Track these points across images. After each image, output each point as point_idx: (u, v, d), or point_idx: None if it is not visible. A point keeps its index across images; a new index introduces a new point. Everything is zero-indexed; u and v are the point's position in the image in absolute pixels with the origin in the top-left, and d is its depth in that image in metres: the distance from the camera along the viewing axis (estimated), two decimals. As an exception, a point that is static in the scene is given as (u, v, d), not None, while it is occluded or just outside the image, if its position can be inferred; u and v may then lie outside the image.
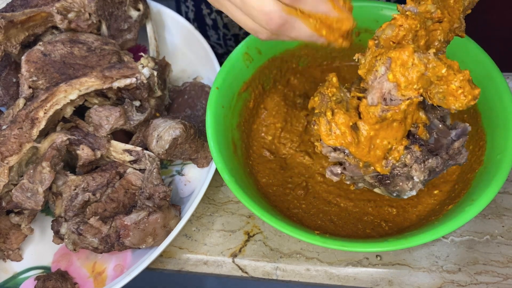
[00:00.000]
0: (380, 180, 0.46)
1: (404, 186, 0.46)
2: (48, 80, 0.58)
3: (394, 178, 0.45)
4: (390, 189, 0.47)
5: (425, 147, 0.45)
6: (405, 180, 0.45)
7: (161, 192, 0.55)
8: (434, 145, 0.46)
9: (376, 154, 0.43)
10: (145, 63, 0.60)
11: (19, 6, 0.62)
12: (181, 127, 0.56)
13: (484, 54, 0.52)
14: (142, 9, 0.68)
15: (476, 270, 0.52)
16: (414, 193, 0.46)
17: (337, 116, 0.42)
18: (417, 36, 0.42)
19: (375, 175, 0.46)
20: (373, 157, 0.44)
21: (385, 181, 0.46)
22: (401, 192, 0.46)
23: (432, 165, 0.45)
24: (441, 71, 0.39)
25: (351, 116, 0.43)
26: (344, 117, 0.42)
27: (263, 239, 0.57)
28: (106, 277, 0.56)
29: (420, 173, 0.44)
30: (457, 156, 0.46)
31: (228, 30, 0.83)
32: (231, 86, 0.56)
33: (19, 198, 0.53)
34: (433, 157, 0.45)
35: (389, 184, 0.46)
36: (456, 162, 0.47)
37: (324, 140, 0.43)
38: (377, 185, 0.47)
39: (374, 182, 0.46)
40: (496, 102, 0.50)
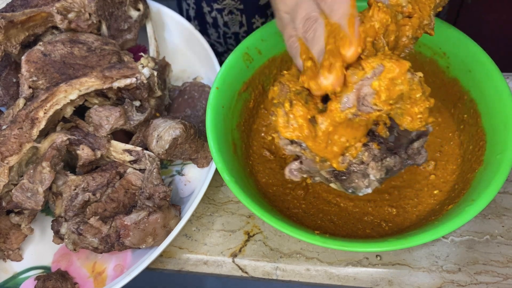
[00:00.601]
0: (336, 175, 0.45)
1: (359, 183, 0.45)
2: (48, 80, 0.58)
3: (350, 174, 0.44)
4: (345, 185, 0.46)
5: (384, 145, 0.44)
6: (361, 177, 0.44)
7: (161, 192, 0.55)
8: (393, 144, 0.45)
9: (333, 150, 0.42)
10: (145, 63, 0.60)
11: (19, 6, 0.62)
12: (181, 127, 0.56)
13: (484, 54, 0.52)
14: (142, 9, 0.68)
15: (476, 270, 0.52)
16: (369, 190, 0.45)
17: (295, 108, 0.41)
18: (388, 31, 0.41)
19: (331, 170, 0.45)
20: (330, 153, 0.42)
21: (341, 177, 0.45)
22: (357, 189, 0.45)
23: (390, 164, 0.45)
24: (416, 95, 0.39)
25: (309, 109, 0.41)
26: (303, 109, 0.41)
27: (263, 239, 0.57)
28: (106, 277, 0.56)
29: (376, 172, 0.44)
30: (416, 156, 0.46)
31: (228, 29, 0.84)
32: (231, 86, 0.56)
33: (19, 198, 0.53)
34: (392, 156, 0.45)
35: (345, 180, 0.45)
36: (414, 162, 0.46)
37: (281, 132, 0.42)
38: (332, 180, 0.46)
39: (330, 177, 0.46)
40: (496, 102, 0.50)
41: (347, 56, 0.38)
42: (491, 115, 0.50)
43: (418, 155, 0.46)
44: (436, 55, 0.56)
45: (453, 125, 0.56)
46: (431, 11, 0.44)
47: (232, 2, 0.78)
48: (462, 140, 0.55)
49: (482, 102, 0.52)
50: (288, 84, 0.43)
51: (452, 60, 0.55)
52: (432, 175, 0.54)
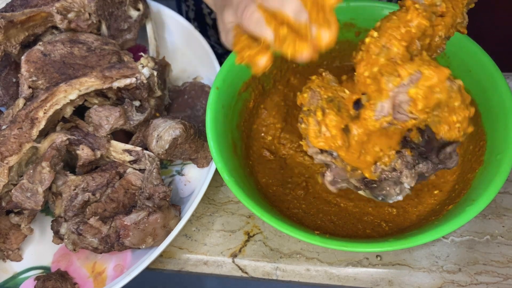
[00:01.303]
0: (366, 184, 0.44)
1: (391, 191, 0.44)
2: (48, 80, 0.58)
3: (381, 182, 0.43)
4: (375, 193, 0.45)
5: (416, 151, 0.43)
6: (392, 185, 0.43)
7: (161, 192, 0.55)
8: (425, 148, 0.44)
9: (366, 160, 0.41)
10: (145, 63, 0.60)
11: (19, 6, 0.62)
12: (181, 127, 0.56)
13: (484, 54, 0.52)
14: (142, 9, 0.68)
15: (476, 270, 0.52)
16: (400, 198, 0.44)
17: (329, 118, 0.40)
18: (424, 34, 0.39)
19: (361, 178, 0.44)
20: (363, 163, 0.41)
21: (371, 185, 0.44)
22: (387, 197, 0.45)
23: (422, 170, 0.44)
24: (455, 104, 0.38)
25: (343, 118, 0.40)
26: (336, 119, 0.39)
27: (263, 239, 0.57)
28: (106, 277, 0.56)
29: (411, 179, 0.43)
30: (447, 160, 0.45)
31: None
32: (231, 86, 0.56)
33: (19, 198, 0.53)
34: (424, 161, 0.43)
35: (375, 188, 0.44)
36: (445, 166, 0.45)
37: (312, 142, 0.41)
38: (362, 188, 0.45)
39: (360, 185, 0.45)
40: (496, 102, 0.50)
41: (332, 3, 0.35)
42: (491, 115, 0.50)
43: (450, 159, 0.45)
44: (436, 55, 0.56)
45: (453, 125, 0.56)
46: (464, 8, 0.42)
47: None
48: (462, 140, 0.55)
49: (482, 102, 0.52)
50: (319, 90, 0.42)
51: (452, 60, 0.55)
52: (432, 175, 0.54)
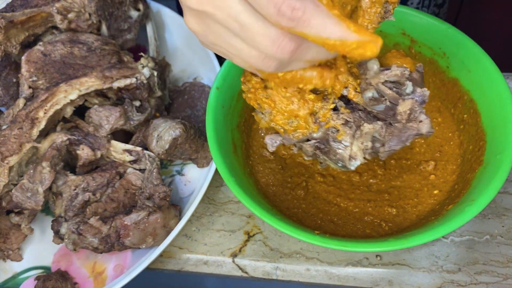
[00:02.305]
0: (319, 148, 0.45)
1: (343, 154, 0.43)
2: (48, 80, 0.58)
3: (330, 144, 0.44)
4: (332, 158, 0.45)
5: (364, 113, 0.43)
6: (342, 147, 0.43)
7: (161, 192, 0.55)
8: (384, 113, 0.43)
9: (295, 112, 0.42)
10: (145, 63, 0.60)
11: (19, 6, 0.62)
12: (181, 127, 0.56)
13: (484, 54, 0.52)
14: (142, 9, 0.68)
15: (476, 270, 0.52)
16: (358, 162, 0.43)
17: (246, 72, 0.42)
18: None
19: (313, 143, 0.44)
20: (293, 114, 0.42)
21: (323, 149, 0.44)
22: (344, 161, 0.44)
23: (370, 131, 0.42)
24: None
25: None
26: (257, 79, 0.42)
27: (263, 239, 0.57)
28: (106, 277, 0.56)
29: (350, 138, 0.42)
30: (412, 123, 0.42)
31: None
32: (231, 86, 0.56)
33: (19, 198, 0.53)
34: (372, 122, 0.42)
35: (329, 152, 0.44)
36: (418, 131, 0.42)
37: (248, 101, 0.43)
38: (318, 153, 0.45)
39: (314, 150, 0.45)
40: (496, 102, 0.50)
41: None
42: (491, 115, 0.50)
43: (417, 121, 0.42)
44: (436, 55, 0.56)
45: (453, 125, 0.56)
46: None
47: None
48: (462, 140, 0.55)
49: (482, 102, 0.52)
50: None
51: (452, 60, 0.55)
52: (432, 175, 0.54)
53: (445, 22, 0.55)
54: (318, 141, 0.44)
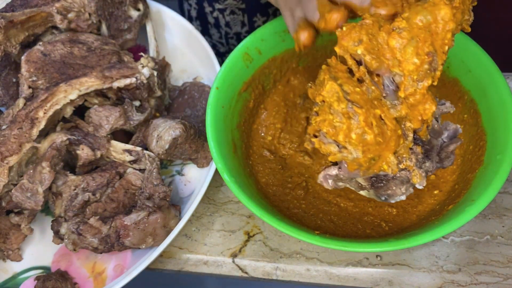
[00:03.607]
0: (373, 183, 0.43)
1: (397, 191, 0.43)
2: (48, 80, 0.58)
3: (389, 182, 0.43)
4: (380, 193, 0.44)
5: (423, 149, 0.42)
6: (399, 184, 0.42)
7: (161, 192, 0.55)
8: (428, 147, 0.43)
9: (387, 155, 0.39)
10: (145, 63, 0.60)
11: (19, 6, 0.62)
12: (181, 127, 0.56)
13: (484, 54, 0.52)
14: (142, 9, 0.68)
15: (476, 270, 0.52)
16: (404, 198, 0.43)
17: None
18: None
19: (369, 177, 0.43)
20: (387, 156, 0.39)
21: (378, 184, 0.43)
22: (391, 197, 0.43)
23: (428, 169, 0.43)
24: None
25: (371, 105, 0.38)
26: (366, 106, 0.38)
27: (263, 239, 0.57)
28: (106, 277, 0.56)
29: (422, 179, 0.41)
30: (445, 159, 0.44)
31: (230, 29, 0.83)
32: (231, 86, 0.56)
33: (19, 198, 0.53)
34: (428, 160, 0.42)
35: (381, 188, 0.43)
36: (442, 165, 0.44)
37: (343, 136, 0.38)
38: (367, 187, 0.44)
39: (366, 184, 0.43)
40: (496, 102, 0.50)
41: None
42: (491, 115, 0.50)
43: (448, 158, 0.44)
44: (436, 55, 0.56)
45: (453, 125, 0.56)
46: (470, 5, 0.41)
47: (234, 2, 0.78)
48: (463, 140, 0.55)
49: (482, 102, 0.52)
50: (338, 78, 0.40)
51: (452, 60, 0.55)
52: (432, 175, 0.54)
53: (445, 22, 0.55)
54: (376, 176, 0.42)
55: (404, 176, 0.42)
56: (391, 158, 0.40)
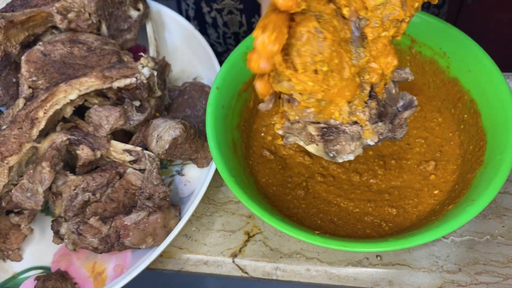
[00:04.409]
0: (324, 133, 0.41)
1: (346, 147, 0.41)
2: (48, 80, 0.58)
3: (339, 135, 0.41)
4: (328, 147, 0.42)
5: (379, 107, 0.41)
6: (349, 139, 0.41)
7: (161, 192, 0.55)
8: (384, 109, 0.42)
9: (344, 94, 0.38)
10: (145, 63, 0.60)
11: (19, 6, 0.62)
12: (181, 127, 0.56)
13: (484, 54, 0.52)
14: (142, 9, 0.68)
15: (476, 270, 0.52)
16: (351, 157, 0.42)
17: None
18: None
19: (320, 127, 0.41)
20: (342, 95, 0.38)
21: (328, 136, 0.41)
22: (339, 154, 0.42)
23: (380, 130, 0.41)
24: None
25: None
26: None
27: (263, 239, 0.57)
28: (106, 277, 0.56)
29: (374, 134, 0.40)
30: (397, 129, 0.42)
31: (228, 29, 0.83)
32: (231, 86, 0.56)
33: (19, 198, 0.53)
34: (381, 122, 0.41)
35: (331, 142, 0.41)
36: (394, 135, 0.43)
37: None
38: (317, 139, 0.41)
39: (317, 134, 0.41)
40: (496, 102, 0.50)
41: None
42: (491, 115, 0.50)
43: (400, 128, 0.42)
44: (436, 55, 0.56)
45: (453, 125, 0.56)
46: None
47: (232, 2, 0.78)
48: (462, 140, 0.55)
49: (482, 102, 0.52)
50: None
51: (452, 60, 0.55)
52: (432, 175, 0.54)
53: (446, 22, 0.55)
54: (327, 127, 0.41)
55: (356, 132, 0.40)
56: (344, 106, 0.39)
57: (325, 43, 0.35)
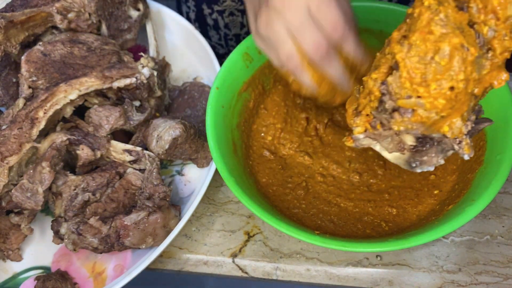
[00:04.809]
0: (418, 144, 0.39)
1: (432, 160, 0.40)
2: (48, 80, 0.58)
3: (433, 145, 0.39)
4: (415, 158, 0.40)
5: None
6: (439, 152, 0.39)
7: (161, 192, 0.55)
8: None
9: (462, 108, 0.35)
10: (145, 63, 0.60)
11: (19, 6, 0.62)
12: (181, 127, 0.56)
13: (484, 54, 0.52)
14: (142, 9, 0.68)
15: (476, 270, 0.52)
16: (432, 168, 0.40)
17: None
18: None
19: (417, 137, 0.38)
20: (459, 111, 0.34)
21: (422, 146, 0.39)
22: (422, 164, 0.40)
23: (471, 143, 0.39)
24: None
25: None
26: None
27: (263, 239, 0.57)
28: (106, 277, 0.56)
29: (472, 151, 0.37)
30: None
31: (230, 30, 0.83)
32: (231, 86, 0.56)
33: (19, 198, 0.53)
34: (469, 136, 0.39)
35: (421, 152, 0.39)
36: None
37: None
38: (407, 149, 0.40)
39: (412, 143, 0.39)
40: (496, 103, 0.50)
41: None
42: (491, 115, 0.50)
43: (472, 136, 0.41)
44: (436, 55, 0.56)
45: (453, 125, 0.56)
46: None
47: (233, 3, 0.78)
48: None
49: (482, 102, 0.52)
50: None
51: (452, 60, 0.55)
52: (432, 175, 0.54)
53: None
54: (424, 137, 0.38)
55: (449, 144, 0.39)
56: (458, 121, 0.36)
57: (468, 60, 0.33)
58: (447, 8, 0.32)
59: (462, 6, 0.34)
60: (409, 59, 0.33)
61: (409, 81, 0.34)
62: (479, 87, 0.36)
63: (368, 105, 0.38)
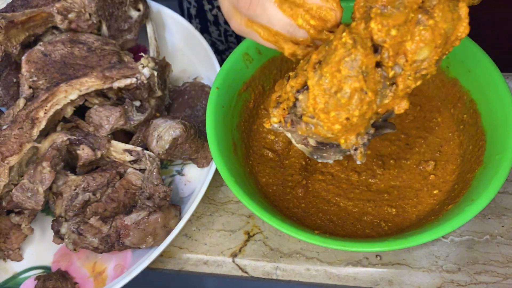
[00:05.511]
0: (320, 144, 0.43)
1: (331, 156, 0.44)
2: (48, 80, 0.58)
3: (332, 147, 0.43)
4: (316, 152, 0.44)
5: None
6: (338, 152, 0.44)
7: (161, 192, 0.55)
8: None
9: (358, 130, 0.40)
10: (145, 63, 0.60)
11: (19, 6, 0.62)
12: (181, 127, 0.56)
13: (484, 54, 0.52)
14: (142, 9, 0.69)
15: (476, 270, 0.52)
16: (331, 161, 0.45)
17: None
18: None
19: (320, 141, 0.43)
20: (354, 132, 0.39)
21: (322, 147, 0.43)
22: (322, 158, 0.45)
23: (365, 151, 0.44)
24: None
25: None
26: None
27: (263, 239, 0.57)
28: (106, 277, 0.56)
29: (363, 157, 0.41)
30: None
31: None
32: (231, 86, 0.56)
33: (19, 198, 0.53)
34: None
35: (321, 150, 0.44)
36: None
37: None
38: (310, 146, 0.44)
39: (313, 144, 0.43)
40: (496, 102, 0.50)
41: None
42: (491, 115, 0.51)
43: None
44: (436, 55, 0.56)
45: (453, 125, 0.56)
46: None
47: None
48: (462, 140, 0.55)
49: (482, 102, 0.52)
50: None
51: (452, 60, 0.55)
52: (432, 175, 0.54)
53: (445, 22, 0.55)
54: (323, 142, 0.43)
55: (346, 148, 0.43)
56: (353, 137, 0.40)
57: (366, 101, 0.37)
58: (358, 51, 0.35)
59: (377, 47, 0.37)
60: (318, 87, 0.37)
61: (313, 107, 0.38)
62: (381, 109, 0.40)
63: (286, 102, 0.42)
